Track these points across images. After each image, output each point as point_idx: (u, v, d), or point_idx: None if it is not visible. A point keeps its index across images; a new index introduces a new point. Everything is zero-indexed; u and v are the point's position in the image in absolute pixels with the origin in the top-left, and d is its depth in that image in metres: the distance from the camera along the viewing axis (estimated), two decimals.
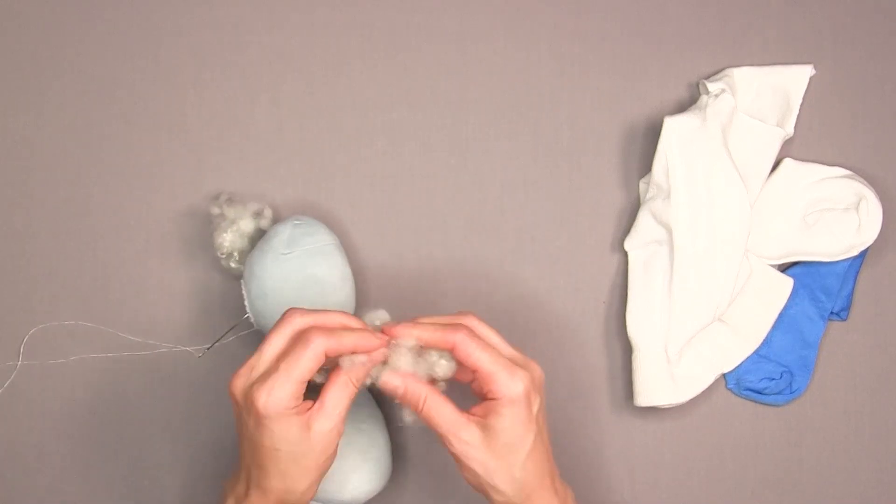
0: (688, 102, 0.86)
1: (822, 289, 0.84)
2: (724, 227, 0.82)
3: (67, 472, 0.85)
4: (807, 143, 0.86)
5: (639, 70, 0.86)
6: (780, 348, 0.84)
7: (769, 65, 0.85)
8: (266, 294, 0.78)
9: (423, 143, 0.86)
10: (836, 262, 0.84)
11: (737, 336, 0.84)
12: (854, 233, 0.83)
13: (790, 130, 0.84)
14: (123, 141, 0.87)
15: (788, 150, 0.85)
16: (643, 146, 0.86)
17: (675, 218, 0.81)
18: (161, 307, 0.85)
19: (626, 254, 0.85)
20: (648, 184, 0.84)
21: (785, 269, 0.85)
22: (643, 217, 0.84)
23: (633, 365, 0.83)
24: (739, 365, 0.84)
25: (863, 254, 0.84)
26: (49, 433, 0.85)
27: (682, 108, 0.85)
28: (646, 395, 0.82)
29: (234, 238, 0.82)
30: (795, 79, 0.84)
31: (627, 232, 0.85)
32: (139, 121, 0.87)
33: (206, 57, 0.87)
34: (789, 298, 0.84)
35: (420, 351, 0.70)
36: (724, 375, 0.85)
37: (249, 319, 0.81)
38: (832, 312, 0.84)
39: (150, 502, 0.85)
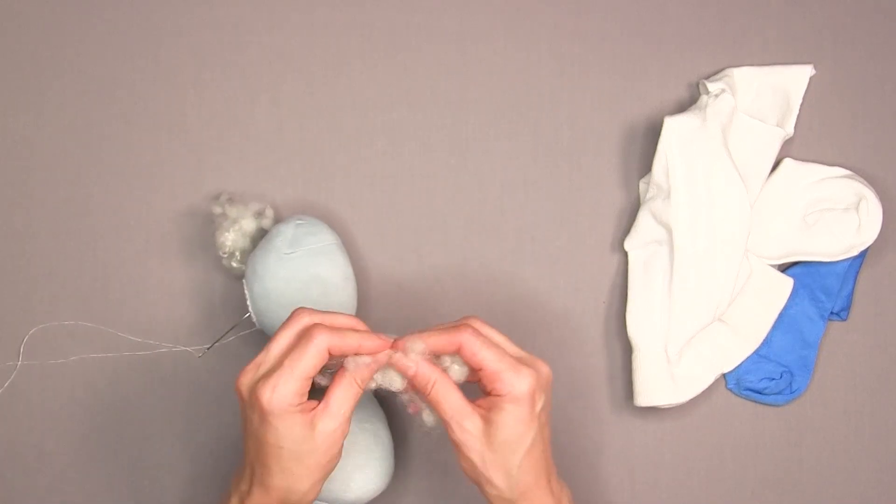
0: (688, 102, 0.86)
1: (822, 289, 0.84)
2: (724, 227, 0.82)
3: (67, 472, 0.85)
4: (807, 143, 0.86)
5: (639, 70, 0.86)
6: (780, 348, 0.84)
7: (769, 65, 0.85)
8: (269, 294, 0.78)
9: (423, 143, 0.86)
10: (836, 262, 0.84)
11: (737, 336, 0.84)
12: (854, 233, 0.83)
13: (790, 130, 0.84)
14: (123, 141, 0.86)
15: (788, 150, 0.85)
16: (643, 146, 0.86)
17: (675, 218, 0.81)
18: (161, 307, 0.85)
19: (626, 254, 0.85)
20: (648, 184, 0.84)
21: (785, 269, 0.85)
22: (643, 217, 0.84)
23: (633, 365, 0.83)
24: (739, 365, 0.84)
25: (863, 254, 0.84)
26: (49, 433, 0.85)
27: (682, 108, 0.85)
28: (646, 395, 0.82)
29: (236, 237, 0.82)
30: (795, 79, 0.84)
31: (627, 232, 0.85)
32: (139, 121, 0.87)
33: (206, 57, 0.87)
34: (789, 298, 0.84)
35: (432, 357, 0.70)
36: (724, 375, 0.85)
37: (251, 319, 0.81)
38: (832, 312, 0.84)
39: (150, 502, 0.85)
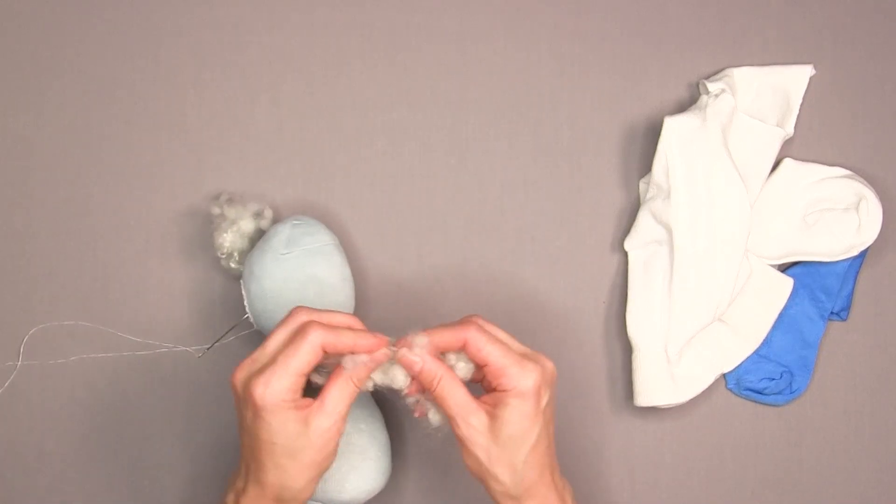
0: (688, 102, 0.86)
1: (822, 289, 0.84)
2: (724, 227, 0.82)
3: (67, 472, 0.85)
4: (807, 143, 0.86)
5: (639, 70, 0.86)
6: (780, 348, 0.84)
7: (769, 65, 0.85)
8: (266, 294, 0.78)
9: (423, 143, 0.86)
10: (836, 262, 0.84)
11: (737, 336, 0.84)
12: (854, 233, 0.83)
13: (790, 130, 0.84)
14: (123, 141, 0.86)
15: (788, 150, 0.85)
16: (643, 146, 0.86)
17: (675, 218, 0.81)
18: (161, 307, 0.85)
19: (626, 254, 0.85)
20: (648, 184, 0.84)
21: (785, 269, 0.85)
22: (643, 217, 0.84)
23: (633, 365, 0.83)
24: (739, 365, 0.84)
25: (863, 254, 0.84)
26: (49, 433, 0.85)
27: (682, 108, 0.85)
28: (646, 395, 0.82)
29: (235, 238, 0.81)
30: (795, 79, 0.84)
31: (627, 232, 0.85)
32: (139, 121, 0.87)
33: (206, 57, 0.87)
34: (789, 298, 0.84)
35: (438, 355, 0.70)
36: (724, 375, 0.85)
37: (249, 319, 0.81)
38: (832, 312, 0.84)
39: (149, 502, 0.85)
